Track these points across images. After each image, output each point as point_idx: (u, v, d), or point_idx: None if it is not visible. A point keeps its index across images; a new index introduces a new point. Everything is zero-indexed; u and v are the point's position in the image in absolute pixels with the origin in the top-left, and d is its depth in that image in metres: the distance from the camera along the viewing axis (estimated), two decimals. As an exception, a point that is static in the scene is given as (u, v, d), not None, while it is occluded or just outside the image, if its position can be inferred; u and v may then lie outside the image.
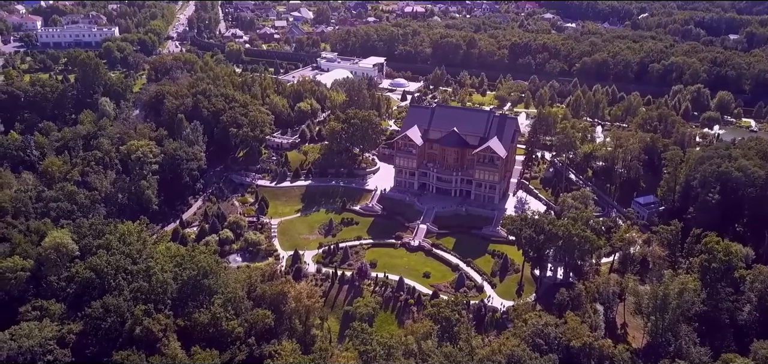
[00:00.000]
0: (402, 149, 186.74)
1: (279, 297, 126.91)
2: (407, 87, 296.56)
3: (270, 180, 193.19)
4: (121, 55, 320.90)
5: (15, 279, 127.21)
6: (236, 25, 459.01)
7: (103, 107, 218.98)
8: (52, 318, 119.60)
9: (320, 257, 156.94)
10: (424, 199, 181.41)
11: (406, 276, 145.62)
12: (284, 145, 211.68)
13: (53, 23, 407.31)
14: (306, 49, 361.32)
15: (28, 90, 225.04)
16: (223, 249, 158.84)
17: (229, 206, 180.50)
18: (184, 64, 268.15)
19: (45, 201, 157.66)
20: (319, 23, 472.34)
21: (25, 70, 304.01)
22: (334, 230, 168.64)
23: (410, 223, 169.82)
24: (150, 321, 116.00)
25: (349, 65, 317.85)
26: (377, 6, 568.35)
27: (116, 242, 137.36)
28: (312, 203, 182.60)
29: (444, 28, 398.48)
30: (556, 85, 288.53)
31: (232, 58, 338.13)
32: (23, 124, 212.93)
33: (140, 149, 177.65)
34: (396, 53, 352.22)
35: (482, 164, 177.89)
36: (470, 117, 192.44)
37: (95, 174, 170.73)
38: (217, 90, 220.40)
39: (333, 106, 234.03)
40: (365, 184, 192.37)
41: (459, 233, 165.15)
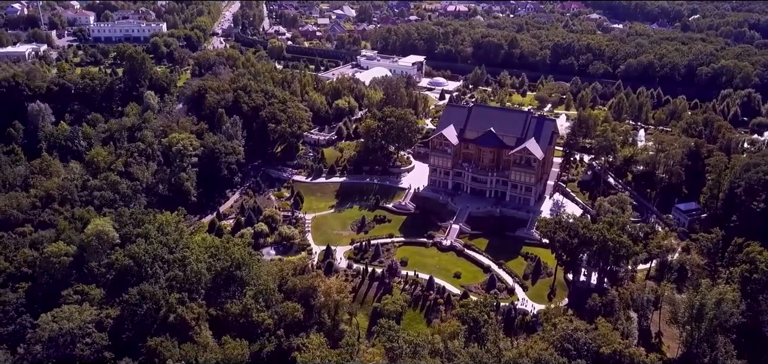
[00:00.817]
0: (437, 148, 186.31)
1: (309, 291, 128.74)
2: (446, 86, 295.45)
3: (306, 176, 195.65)
4: (168, 50, 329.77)
5: (59, 264, 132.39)
6: (280, 22, 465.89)
7: (148, 100, 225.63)
8: (91, 302, 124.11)
9: (352, 253, 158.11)
10: (458, 199, 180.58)
11: (436, 275, 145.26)
12: (321, 142, 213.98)
13: (105, 19, 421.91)
14: (347, 47, 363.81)
15: (78, 83, 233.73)
16: (258, 242, 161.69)
17: (266, 200, 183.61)
18: (227, 60, 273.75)
19: (89, 190, 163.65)
20: (361, 21, 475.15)
21: (77, 63, 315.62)
22: (366, 226, 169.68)
23: (443, 222, 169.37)
24: (184, 309, 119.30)
25: (389, 63, 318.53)
26: (420, 5, 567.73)
27: (154, 232, 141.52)
28: (346, 199, 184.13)
29: (486, 28, 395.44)
30: (598, 87, 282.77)
31: (274, 54, 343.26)
32: (73, 116, 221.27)
33: (181, 142, 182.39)
34: (436, 52, 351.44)
35: (518, 166, 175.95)
36: (507, 117, 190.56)
37: (138, 165, 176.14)
38: (258, 86, 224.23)
39: (370, 104, 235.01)
40: (399, 182, 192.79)
41: (492, 235, 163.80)
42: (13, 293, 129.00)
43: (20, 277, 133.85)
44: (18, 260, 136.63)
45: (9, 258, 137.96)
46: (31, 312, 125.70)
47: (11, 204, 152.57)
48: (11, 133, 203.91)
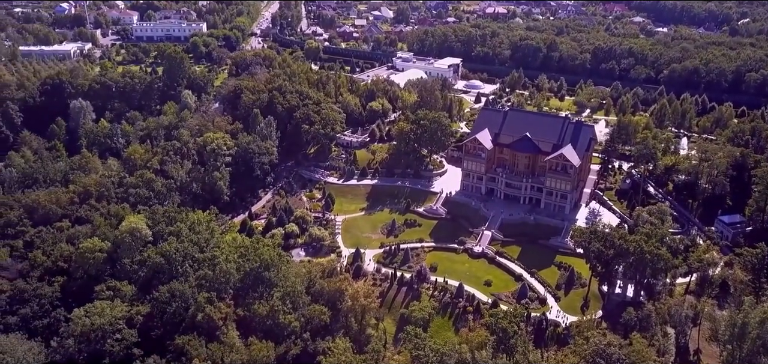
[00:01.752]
0: (471, 153, 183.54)
1: (336, 294, 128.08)
2: (482, 89, 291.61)
3: (338, 177, 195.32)
4: (207, 49, 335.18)
5: (93, 259, 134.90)
6: (317, 22, 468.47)
7: (185, 99, 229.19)
8: (122, 299, 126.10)
9: (381, 256, 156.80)
10: (491, 204, 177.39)
11: (466, 283, 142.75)
12: (354, 144, 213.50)
13: (148, 18, 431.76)
14: (383, 49, 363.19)
15: (119, 81, 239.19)
16: (288, 243, 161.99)
17: (297, 201, 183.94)
18: (263, 60, 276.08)
19: (125, 187, 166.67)
20: (398, 23, 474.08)
21: (119, 61, 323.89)
22: (396, 230, 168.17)
23: (475, 228, 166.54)
24: (212, 309, 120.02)
25: (424, 65, 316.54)
26: (458, 6, 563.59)
27: (186, 230, 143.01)
28: (377, 202, 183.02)
29: (524, 31, 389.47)
30: (640, 93, 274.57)
31: (311, 55, 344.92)
32: (113, 113, 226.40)
33: (215, 141, 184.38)
34: (473, 54, 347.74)
35: (554, 172, 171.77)
36: (544, 123, 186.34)
37: (172, 163, 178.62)
38: (293, 87, 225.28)
39: (404, 106, 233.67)
40: (431, 186, 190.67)
41: (525, 242, 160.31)
42: (49, 287, 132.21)
43: (56, 271, 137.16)
44: (55, 254, 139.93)
45: (46, 252, 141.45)
46: (66, 306, 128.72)
47: (51, 200, 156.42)
48: (54, 130, 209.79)
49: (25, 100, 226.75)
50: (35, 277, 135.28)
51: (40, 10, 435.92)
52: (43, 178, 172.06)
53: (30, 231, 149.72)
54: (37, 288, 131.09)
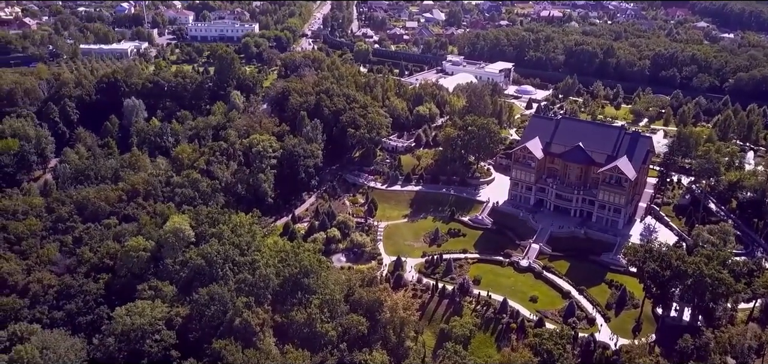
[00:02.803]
0: (520, 161, 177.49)
1: (375, 305, 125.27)
2: (534, 95, 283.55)
3: (381, 182, 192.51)
4: (258, 50, 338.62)
5: (137, 258, 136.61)
6: (368, 24, 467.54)
7: (234, 100, 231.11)
8: (163, 299, 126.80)
9: (423, 266, 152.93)
10: (540, 216, 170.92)
11: (510, 298, 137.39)
12: (399, 149, 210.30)
13: (203, 18, 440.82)
14: (433, 52, 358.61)
15: (171, 81, 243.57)
16: (329, 248, 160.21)
17: (340, 205, 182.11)
18: (312, 62, 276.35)
19: (172, 186, 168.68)
20: (449, 25, 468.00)
21: (173, 61, 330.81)
22: (439, 239, 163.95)
23: (521, 240, 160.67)
24: (250, 314, 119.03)
25: (475, 69, 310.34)
26: (511, 8, 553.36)
27: (228, 232, 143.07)
28: (420, 209, 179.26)
29: (580, 35, 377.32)
30: (702, 102, 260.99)
31: (360, 57, 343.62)
32: (164, 112, 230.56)
33: (261, 143, 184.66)
34: (525, 59, 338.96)
35: (607, 185, 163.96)
36: (598, 133, 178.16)
37: (218, 164, 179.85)
38: (340, 90, 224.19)
39: (452, 111, 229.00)
40: (477, 194, 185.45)
41: (574, 258, 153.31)
42: (94, 284, 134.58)
43: (102, 268, 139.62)
44: (101, 251, 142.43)
45: (94, 249, 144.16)
46: (109, 303, 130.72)
47: (100, 197, 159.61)
48: (107, 127, 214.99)
49: (82, 98, 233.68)
50: (82, 273, 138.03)
51: (102, 9, 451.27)
52: (94, 174, 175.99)
53: (79, 227, 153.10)
54: (83, 284, 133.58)
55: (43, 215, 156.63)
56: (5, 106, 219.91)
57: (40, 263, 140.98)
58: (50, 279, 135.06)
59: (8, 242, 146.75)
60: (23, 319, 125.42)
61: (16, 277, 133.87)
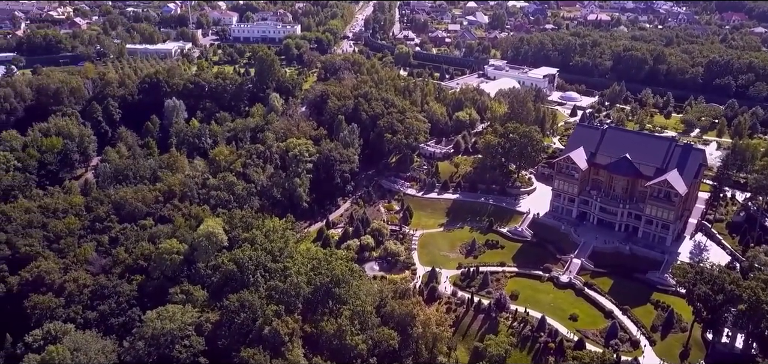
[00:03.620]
0: (563, 171, 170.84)
1: (407, 318, 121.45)
2: (579, 101, 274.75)
3: (418, 189, 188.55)
4: (298, 52, 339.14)
5: (170, 261, 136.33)
6: (410, 27, 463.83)
7: (273, 102, 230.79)
8: (194, 304, 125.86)
9: (458, 278, 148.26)
10: (582, 230, 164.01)
11: (549, 315, 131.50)
12: (437, 155, 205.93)
13: (246, 19, 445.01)
14: (475, 55, 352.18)
15: (212, 81, 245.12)
16: (363, 255, 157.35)
17: (375, 212, 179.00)
18: (352, 66, 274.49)
19: (208, 188, 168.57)
20: (493, 28, 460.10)
21: (215, 61, 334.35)
22: (476, 251, 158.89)
23: (562, 255, 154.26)
24: (279, 323, 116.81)
25: (517, 74, 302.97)
26: (557, 12, 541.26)
27: (261, 238, 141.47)
28: (457, 218, 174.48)
29: (629, 40, 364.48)
30: (759, 113, 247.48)
31: (401, 60, 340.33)
32: (204, 113, 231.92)
33: (297, 147, 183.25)
34: (571, 64, 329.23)
35: (656, 199, 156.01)
36: (647, 144, 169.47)
37: (254, 167, 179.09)
38: (379, 94, 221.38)
39: (493, 117, 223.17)
40: (517, 205, 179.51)
41: (618, 275, 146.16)
42: (128, 285, 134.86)
43: (136, 269, 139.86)
44: (136, 252, 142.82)
45: (129, 250, 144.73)
46: (141, 305, 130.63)
47: (137, 197, 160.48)
48: (148, 127, 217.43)
49: (124, 98, 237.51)
50: (116, 274, 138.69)
51: (149, 10, 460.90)
52: (133, 174, 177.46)
53: (116, 227, 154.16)
54: (117, 285, 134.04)
55: (82, 214, 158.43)
56: (52, 104, 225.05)
57: (76, 262, 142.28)
58: (86, 279, 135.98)
59: (48, 240, 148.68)
60: (58, 318, 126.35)
61: (53, 276, 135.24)
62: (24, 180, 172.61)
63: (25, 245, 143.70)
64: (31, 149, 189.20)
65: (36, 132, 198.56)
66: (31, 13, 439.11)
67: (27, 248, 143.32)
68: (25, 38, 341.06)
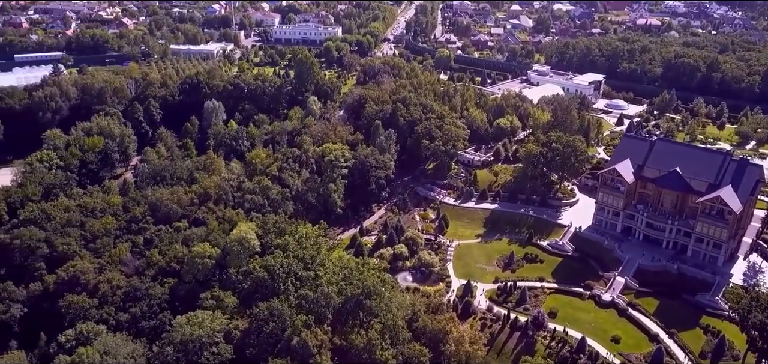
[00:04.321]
0: (608, 184, 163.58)
1: (440, 335, 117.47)
2: (626, 110, 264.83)
3: (455, 198, 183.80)
4: (338, 54, 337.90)
5: (202, 265, 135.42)
6: (452, 30, 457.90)
7: (311, 106, 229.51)
8: (224, 310, 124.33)
9: (494, 293, 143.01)
10: (627, 246, 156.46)
11: (589, 336, 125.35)
12: (475, 162, 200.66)
13: (288, 21, 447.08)
14: (518, 60, 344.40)
15: (251, 84, 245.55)
16: (396, 265, 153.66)
17: (410, 220, 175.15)
18: (392, 69, 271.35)
19: (243, 192, 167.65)
20: (537, 32, 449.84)
21: (256, 63, 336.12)
22: (514, 264, 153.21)
23: (605, 272, 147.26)
24: (308, 334, 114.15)
25: (562, 80, 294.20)
26: (605, 16, 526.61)
27: (294, 244, 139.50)
28: (495, 229, 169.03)
29: (680, 46, 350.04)
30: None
31: (441, 64, 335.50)
32: (242, 115, 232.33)
33: (333, 153, 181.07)
34: (618, 71, 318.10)
35: (708, 216, 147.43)
36: (699, 157, 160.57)
37: (290, 171, 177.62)
38: (417, 98, 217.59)
39: (535, 125, 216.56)
40: (558, 217, 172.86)
41: (665, 295, 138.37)
42: (160, 288, 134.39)
43: (169, 272, 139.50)
44: (169, 255, 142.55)
45: (162, 252, 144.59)
46: (172, 309, 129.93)
47: (172, 199, 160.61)
48: (187, 128, 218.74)
49: (165, 98, 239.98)
50: (149, 276, 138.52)
51: (195, 10, 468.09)
52: (170, 175, 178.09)
53: (151, 229, 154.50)
54: (149, 288, 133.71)
55: (119, 214, 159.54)
56: (96, 104, 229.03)
57: (111, 263, 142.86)
58: (119, 280, 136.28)
59: (85, 239, 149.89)
60: (91, 318, 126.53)
61: (88, 276, 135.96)
62: (65, 179, 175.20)
63: (62, 244, 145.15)
64: (74, 148, 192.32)
65: (78, 131, 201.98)
66: (82, 13, 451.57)
67: (64, 246, 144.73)
68: (74, 38, 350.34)
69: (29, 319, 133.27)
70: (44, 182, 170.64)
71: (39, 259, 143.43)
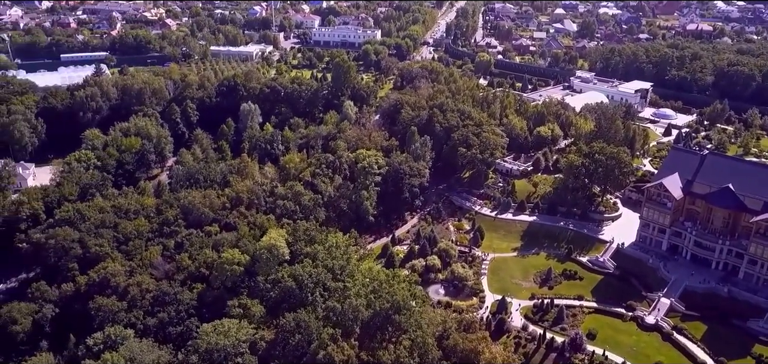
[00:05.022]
0: (654, 199, 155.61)
1: (471, 355, 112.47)
2: (674, 120, 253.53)
3: (491, 209, 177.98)
4: (377, 58, 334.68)
5: (231, 272, 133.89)
6: (493, 34, 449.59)
7: (346, 110, 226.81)
8: (250, 319, 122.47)
9: (530, 310, 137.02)
10: (673, 265, 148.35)
11: (631, 360, 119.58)
12: (514, 172, 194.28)
13: (328, 23, 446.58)
14: (560, 66, 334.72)
15: (287, 87, 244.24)
16: (428, 276, 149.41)
17: (443, 230, 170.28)
18: (429, 74, 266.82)
19: (275, 197, 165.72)
20: (581, 37, 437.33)
21: (294, 65, 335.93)
22: (552, 280, 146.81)
23: (649, 292, 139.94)
24: (334, 348, 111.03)
25: (606, 88, 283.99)
26: (653, 21, 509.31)
27: (323, 253, 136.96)
28: (532, 243, 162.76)
29: (734, 54, 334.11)
30: None
31: (481, 68, 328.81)
32: (278, 118, 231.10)
33: (367, 159, 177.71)
34: (666, 78, 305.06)
35: (762, 237, 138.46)
36: (755, 174, 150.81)
37: (323, 177, 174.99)
38: (455, 104, 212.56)
39: (577, 134, 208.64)
40: (600, 231, 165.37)
41: (713, 320, 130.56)
42: (188, 293, 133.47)
43: (198, 277, 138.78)
44: (199, 260, 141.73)
45: (192, 256, 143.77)
46: (199, 315, 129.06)
47: (205, 203, 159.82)
48: (223, 131, 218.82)
49: (203, 100, 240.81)
50: (178, 280, 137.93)
51: (236, 12, 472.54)
52: (203, 178, 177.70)
53: (182, 232, 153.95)
54: (178, 293, 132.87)
55: (152, 216, 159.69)
56: (135, 104, 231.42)
57: (142, 266, 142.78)
58: (149, 283, 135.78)
59: (117, 240, 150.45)
60: (120, 322, 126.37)
61: (118, 278, 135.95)
62: (101, 179, 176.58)
63: (95, 245, 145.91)
64: (111, 149, 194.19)
65: (117, 132, 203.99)
66: (128, 14, 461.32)
67: (97, 247, 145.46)
68: (118, 38, 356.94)
69: (61, 319, 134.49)
70: (81, 182, 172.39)
71: (72, 259, 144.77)
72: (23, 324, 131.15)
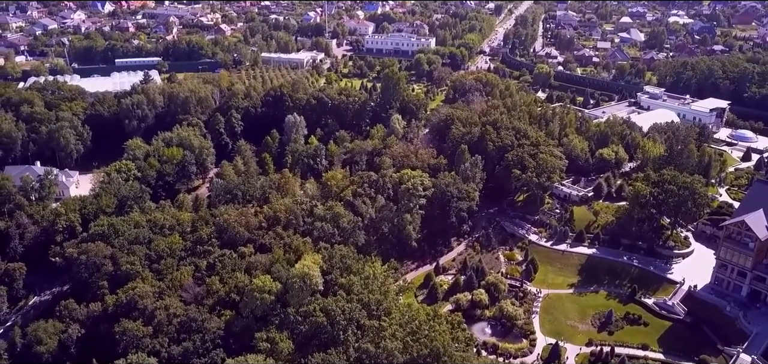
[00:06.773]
0: (733, 238, 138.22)
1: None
2: (754, 142, 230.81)
3: (546, 238, 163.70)
4: (429, 67, 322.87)
5: (261, 300, 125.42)
6: (554, 43, 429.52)
7: (394, 124, 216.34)
8: (277, 356, 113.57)
9: (586, 358, 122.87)
10: (755, 315, 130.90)
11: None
12: (572, 198, 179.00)
13: (382, 30, 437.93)
14: (626, 79, 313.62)
15: (335, 98, 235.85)
16: (473, 312, 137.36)
17: (493, 259, 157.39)
18: (484, 87, 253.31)
19: (313, 218, 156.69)
20: (649, 48, 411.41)
21: (345, 74, 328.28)
22: (612, 325, 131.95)
23: (726, 346, 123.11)
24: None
25: (678, 105, 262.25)
26: (729, 31, 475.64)
27: (359, 285, 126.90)
28: (591, 279, 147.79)
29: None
30: None
31: (539, 80, 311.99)
32: (324, 130, 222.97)
33: (411, 180, 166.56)
34: (745, 96, 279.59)
35: None
36: None
37: (364, 197, 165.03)
38: (510, 121, 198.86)
39: (645, 158, 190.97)
40: (668, 270, 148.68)
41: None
42: (216, 321, 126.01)
43: (227, 303, 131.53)
44: (230, 284, 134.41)
45: (223, 280, 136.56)
46: (226, 346, 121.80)
47: (240, 221, 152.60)
48: (267, 142, 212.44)
49: (248, 110, 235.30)
50: (207, 306, 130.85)
51: (290, 17, 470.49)
52: (242, 194, 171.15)
53: (216, 252, 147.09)
54: (205, 320, 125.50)
55: (186, 233, 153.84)
56: (180, 113, 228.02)
57: (172, 287, 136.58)
58: (177, 308, 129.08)
59: (149, 259, 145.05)
60: (144, 349, 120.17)
61: (146, 301, 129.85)
62: (139, 191, 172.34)
63: (127, 263, 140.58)
64: (152, 159, 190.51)
65: (159, 142, 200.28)
66: (185, 18, 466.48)
67: (128, 265, 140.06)
68: (172, 44, 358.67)
69: (86, 340, 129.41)
70: (119, 194, 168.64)
71: (103, 276, 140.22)
72: (48, 344, 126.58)
